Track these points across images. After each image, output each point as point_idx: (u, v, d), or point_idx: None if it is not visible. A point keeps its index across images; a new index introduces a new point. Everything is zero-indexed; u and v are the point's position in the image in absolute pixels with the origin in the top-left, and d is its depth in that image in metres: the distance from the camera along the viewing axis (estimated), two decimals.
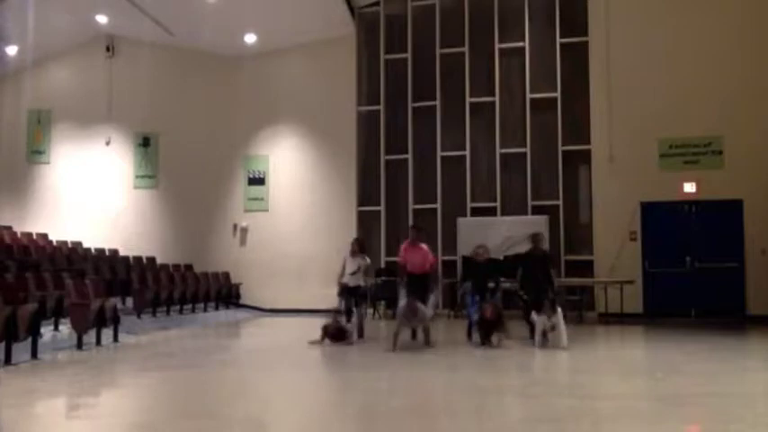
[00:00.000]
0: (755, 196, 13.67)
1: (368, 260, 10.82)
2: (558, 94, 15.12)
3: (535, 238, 10.33)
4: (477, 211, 15.32)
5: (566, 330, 9.01)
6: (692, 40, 14.26)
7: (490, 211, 15.23)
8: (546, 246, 11.21)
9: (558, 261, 13.93)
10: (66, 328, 9.88)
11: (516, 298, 10.60)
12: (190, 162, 17.09)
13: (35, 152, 18.00)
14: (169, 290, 13.71)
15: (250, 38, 16.62)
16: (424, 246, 10.25)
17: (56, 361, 8.48)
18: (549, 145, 15.09)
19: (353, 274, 10.42)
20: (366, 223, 15.99)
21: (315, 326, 10.08)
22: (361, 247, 10.71)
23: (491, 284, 9.90)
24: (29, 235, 16.00)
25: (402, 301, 9.29)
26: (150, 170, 17.51)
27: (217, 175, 17.13)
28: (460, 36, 15.81)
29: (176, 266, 15.91)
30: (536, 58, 15.38)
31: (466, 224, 14.98)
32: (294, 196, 16.73)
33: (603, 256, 14.39)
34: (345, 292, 10.41)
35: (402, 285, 10.07)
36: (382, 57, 16.38)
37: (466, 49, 15.75)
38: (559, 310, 9.11)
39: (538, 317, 9.11)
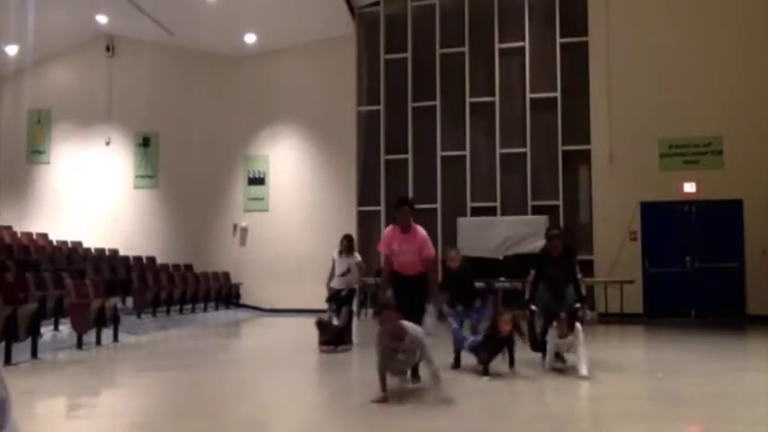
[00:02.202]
0: (755, 196, 13.67)
1: (360, 258, 9.84)
2: (558, 94, 15.12)
3: (552, 232, 8.17)
4: (477, 211, 15.32)
5: (587, 353, 6.94)
6: (692, 39, 14.27)
7: (490, 211, 15.23)
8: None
9: None
10: (66, 328, 9.87)
11: (517, 303, 9.43)
12: (190, 162, 17.09)
13: (35, 152, 18.00)
14: (169, 290, 13.71)
15: (250, 38, 16.62)
16: (420, 232, 6.72)
17: (56, 361, 8.48)
18: (549, 145, 15.09)
19: (344, 275, 9.57)
20: (366, 223, 15.99)
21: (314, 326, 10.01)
22: (351, 244, 9.79)
23: (480, 286, 8.25)
24: (29, 235, 15.99)
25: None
26: (150, 170, 17.51)
27: (217, 175, 17.13)
28: (460, 36, 15.81)
29: (176, 266, 15.91)
30: (536, 58, 15.38)
31: (466, 224, 14.98)
32: (294, 196, 16.73)
33: (603, 256, 14.39)
34: (336, 297, 9.51)
35: (384, 295, 6.54)
36: (382, 57, 16.39)
37: (466, 49, 15.75)
38: (579, 326, 7.00)
39: (549, 332, 7.17)
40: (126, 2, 14.89)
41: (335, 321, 9.37)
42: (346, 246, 9.77)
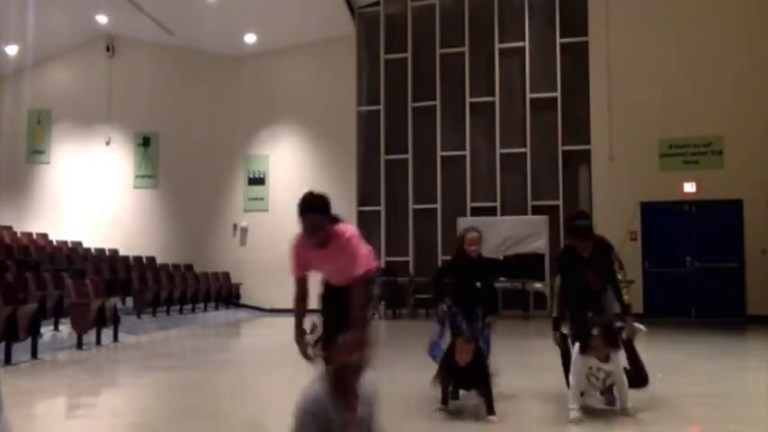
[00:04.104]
0: (755, 196, 13.67)
1: None
2: (558, 94, 15.12)
3: (577, 224, 5.69)
4: (477, 211, 15.32)
5: (627, 384, 5.23)
6: (691, 40, 14.25)
7: (490, 211, 15.23)
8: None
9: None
10: (66, 328, 9.88)
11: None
12: (190, 162, 17.09)
13: (35, 152, 18.00)
14: (169, 290, 13.71)
15: (250, 38, 16.62)
16: (344, 238, 4.38)
17: (56, 361, 8.48)
18: (549, 145, 15.09)
19: None
20: (366, 223, 15.97)
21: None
22: None
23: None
24: (29, 235, 15.99)
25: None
26: (150, 170, 17.51)
27: (217, 175, 17.12)
28: (460, 36, 15.81)
29: (176, 266, 15.91)
30: (536, 58, 15.39)
31: (466, 224, 14.90)
32: (294, 196, 16.17)
33: None
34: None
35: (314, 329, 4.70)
36: (382, 57, 16.38)
37: (466, 49, 15.75)
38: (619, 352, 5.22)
39: (579, 358, 5.17)
40: (126, 2, 14.88)
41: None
42: None
